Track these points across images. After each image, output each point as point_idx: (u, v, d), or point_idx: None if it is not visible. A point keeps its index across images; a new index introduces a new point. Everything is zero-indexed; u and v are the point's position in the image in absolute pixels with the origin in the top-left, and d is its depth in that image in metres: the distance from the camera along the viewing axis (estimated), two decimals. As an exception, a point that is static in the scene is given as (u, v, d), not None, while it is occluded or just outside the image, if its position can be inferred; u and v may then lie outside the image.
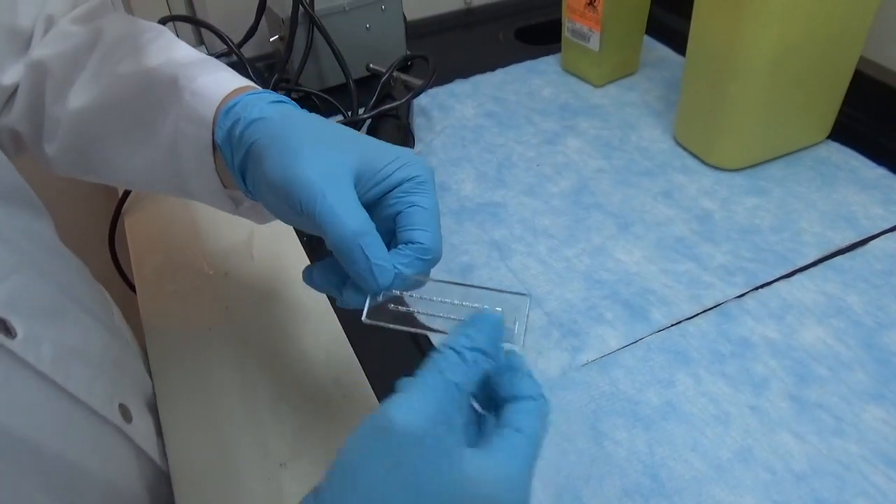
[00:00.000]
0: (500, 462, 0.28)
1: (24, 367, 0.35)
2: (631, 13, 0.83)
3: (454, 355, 0.29)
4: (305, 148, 0.35)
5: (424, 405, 0.27)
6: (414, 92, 0.72)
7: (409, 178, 0.36)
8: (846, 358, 0.52)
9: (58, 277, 0.42)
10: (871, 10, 0.64)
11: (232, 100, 0.39)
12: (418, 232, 0.35)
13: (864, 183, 0.68)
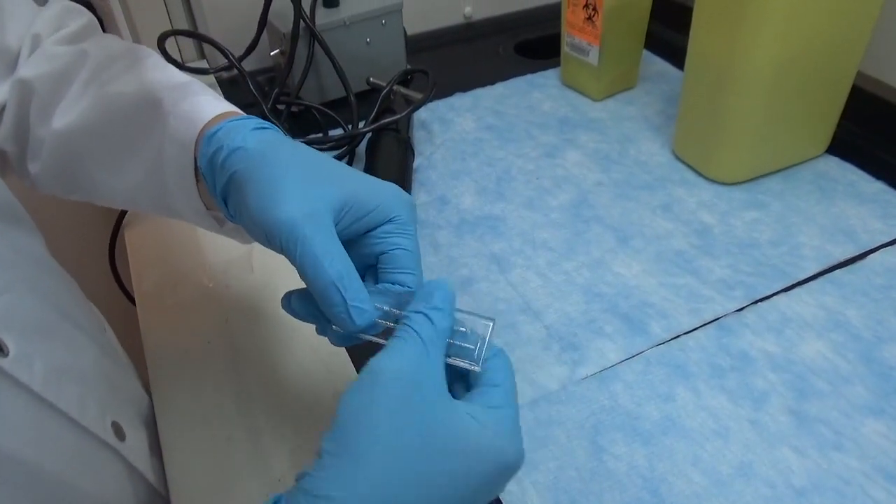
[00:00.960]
0: (492, 414, 0.31)
1: (15, 386, 0.35)
2: (629, 28, 0.83)
3: (420, 317, 0.32)
4: (286, 185, 0.35)
5: (405, 354, 0.31)
6: (414, 106, 0.72)
7: (391, 218, 0.37)
8: (845, 372, 0.52)
9: (49, 294, 0.42)
10: (868, 26, 0.65)
11: (214, 126, 0.39)
12: (405, 275, 0.37)
13: (863, 197, 0.68)
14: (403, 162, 0.72)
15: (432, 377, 0.31)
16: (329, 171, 0.37)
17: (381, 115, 0.76)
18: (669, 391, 0.52)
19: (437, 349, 0.31)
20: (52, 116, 0.45)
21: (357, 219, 0.36)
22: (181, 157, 0.40)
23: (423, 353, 0.31)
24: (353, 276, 0.34)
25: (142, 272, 0.64)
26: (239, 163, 0.36)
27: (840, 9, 0.61)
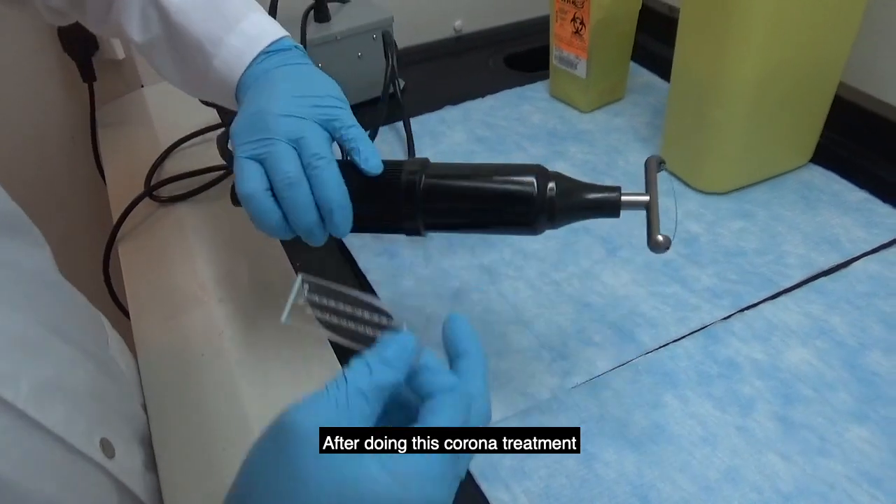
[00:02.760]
0: (406, 461, 0.29)
1: (1, 404, 0.35)
2: (617, 41, 0.85)
3: (362, 365, 0.31)
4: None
5: (319, 410, 0.29)
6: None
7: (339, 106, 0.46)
8: (830, 378, 0.53)
9: (41, 309, 0.42)
10: (849, 38, 0.66)
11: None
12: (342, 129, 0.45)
13: (847, 206, 0.69)
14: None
15: (344, 433, 0.29)
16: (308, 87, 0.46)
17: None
18: (658, 399, 0.52)
19: (360, 407, 0.30)
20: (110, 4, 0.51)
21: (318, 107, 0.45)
22: (227, 85, 0.49)
23: (341, 411, 0.29)
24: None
25: (136, 286, 0.64)
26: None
27: (821, 22, 0.63)
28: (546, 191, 0.45)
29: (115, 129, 0.89)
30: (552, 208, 0.45)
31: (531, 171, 0.45)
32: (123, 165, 0.81)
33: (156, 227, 0.71)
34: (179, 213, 0.72)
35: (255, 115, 0.44)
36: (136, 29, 0.51)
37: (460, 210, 0.47)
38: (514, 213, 0.45)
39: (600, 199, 0.45)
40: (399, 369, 0.31)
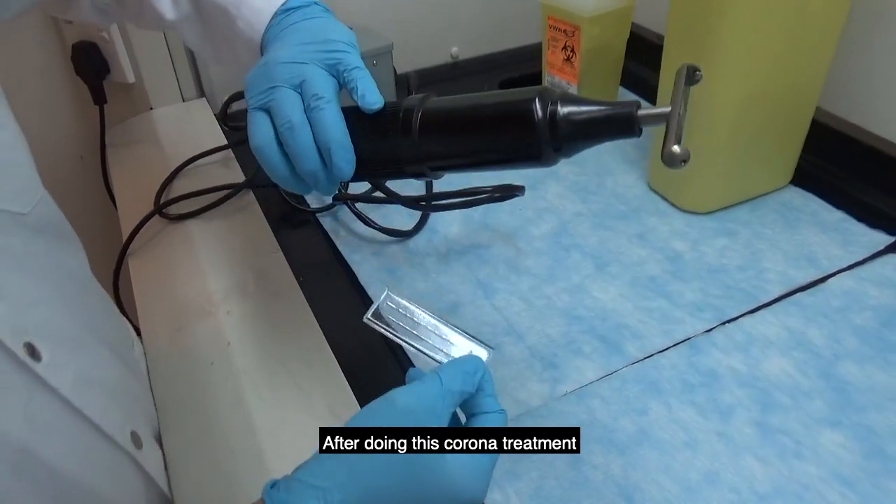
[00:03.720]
0: (469, 456, 0.37)
1: (47, 390, 0.38)
2: (606, 67, 0.89)
3: (453, 373, 0.39)
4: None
5: (423, 396, 0.37)
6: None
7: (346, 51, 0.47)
8: (806, 387, 0.56)
9: (81, 310, 0.46)
10: (823, 65, 0.70)
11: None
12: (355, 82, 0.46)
13: (824, 225, 0.73)
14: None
15: (433, 421, 0.37)
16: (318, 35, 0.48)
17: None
18: (643, 406, 0.55)
19: (449, 403, 0.38)
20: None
21: (323, 51, 0.47)
22: (253, 45, 0.52)
23: (437, 402, 0.37)
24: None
25: (145, 299, 0.67)
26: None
27: (797, 52, 0.67)
28: (548, 109, 0.40)
29: (125, 149, 0.92)
30: (556, 128, 0.40)
31: (533, 91, 0.41)
32: (133, 185, 0.84)
33: (165, 243, 0.74)
34: (188, 229, 0.75)
35: (262, 66, 0.46)
36: (168, 7, 0.55)
37: (459, 140, 0.44)
38: (517, 137, 0.41)
39: (613, 112, 0.40)
40: (474, 383, 0.39)
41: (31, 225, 0.42)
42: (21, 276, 0.39)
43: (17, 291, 0.38)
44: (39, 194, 0.44)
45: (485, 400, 0.40)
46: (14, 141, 0.43)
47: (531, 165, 0.43)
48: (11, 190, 0.41)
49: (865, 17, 0.74)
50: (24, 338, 0.37)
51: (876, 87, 0.77)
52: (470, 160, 0.44)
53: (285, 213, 0.78)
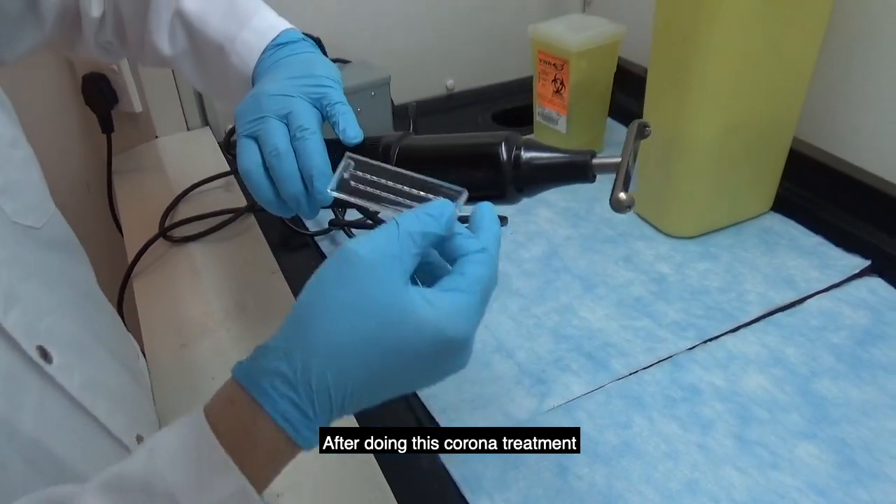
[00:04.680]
0: (442, 296, 0.34)
1: (58, 390, 0.41)
2: (594, 99, 0.93)
3: (412, 215, 0.36)
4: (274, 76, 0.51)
5: (378, 242, 0.35)
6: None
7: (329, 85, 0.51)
8: (783, 402, 0.59)
9: (89, 320, 0.48)
10: (799, 97, 0.74)
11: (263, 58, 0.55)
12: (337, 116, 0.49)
13: (803, 249, 0.76)
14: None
15: (393, 265, 0.34)
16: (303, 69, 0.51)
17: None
18: (627, 419, 0.58)
19: (414, 244, 0.35)
20: (144, 31, 0.58)
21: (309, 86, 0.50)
22: (244, 78, 0.55)
23: (394, 244, 0.34)
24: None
25: (149, 317, 0.70)
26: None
27: (772, 83, 0.71)
28: (512, 153, 0.43)
29: (131, 176, 0.96)
30: (519, 170, 0.43)
31: (500, 135, 0.45)
32: (138, 209, 0.87)
33: (169, 265, 0.77)
34: (191, 251, 0.78)
35: (252, 97, 0.50)
36: (166, 44, 0.58)
37: (432, 176, 0.44)
38: (483, 176, 0.44)
39: (570, 160, 0.43)
40: (441, 225, 0.36)
41: (42, 239, 0.45)
42: (34, 284, 0.42)
43: (31, 298, 0.41)
44: (51, 211, 0.47)
45: (462, 242, 0.37)
46: (27, 160, 0.46)
47: (496, 202, 0.45)
48: (25, 205, 0.43)
49: (839, 52, 0.78)
50: (37, 341, 0.40)
51: (851, 118, 0.81)
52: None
53: (285, 236, 0.81)
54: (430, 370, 0.35)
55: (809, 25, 0.69)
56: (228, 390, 0.34)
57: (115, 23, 0.60)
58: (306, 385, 0.33)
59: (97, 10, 0.58)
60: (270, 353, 0.34)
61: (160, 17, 0.57)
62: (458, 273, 0.36)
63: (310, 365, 0.33)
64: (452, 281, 0.35)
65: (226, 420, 0.33)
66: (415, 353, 0.33)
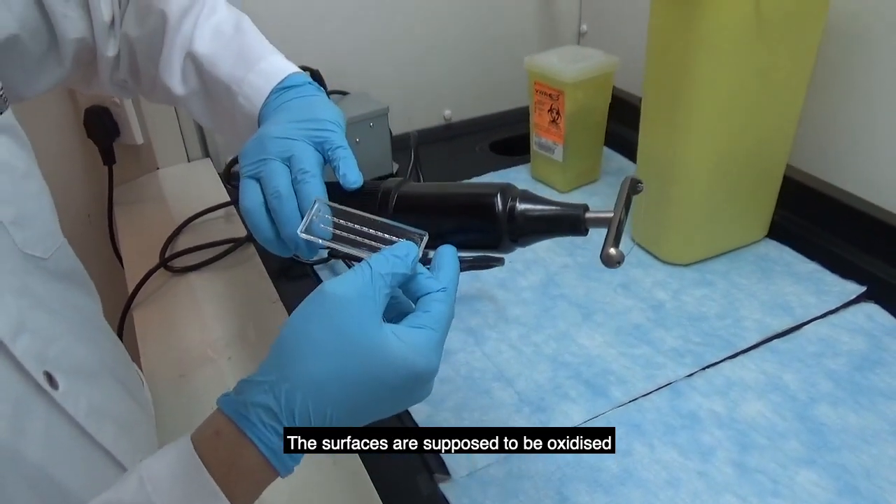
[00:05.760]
0: (411, 332, 0.37)
1: (64, 417, 0.41)
2: (590, 129, 0.94)
3: (382, 257, 0.39)
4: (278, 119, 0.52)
5: (352, 282, 0.37)
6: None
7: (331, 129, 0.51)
8: (782, 428, 0.59)
9: (95, 348, 0.49)
10: (790, 126, 0.76)
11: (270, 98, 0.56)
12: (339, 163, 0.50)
13: (799, 276, 0.77)
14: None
15: (367, 304, 0.37)
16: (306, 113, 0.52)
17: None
18: (627, 447, 0.58)
19: (384, 283, 0.38)
20: (155, 70, 0.60)
21: (312, 129, 0.51)
22: (251, 119, 0.57)
23: (367, 285, 0.37)
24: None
25: (150, 347, 0.70)
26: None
27: (763, 113, 0.72)
28: (507, 205, 0.44)
29: (132, 207, 0.97)
30: (514, 221, 0.44)
31: (497, 187, 0.45)
32: (139, 240, 0.88)
33: (169, 295, 0.77)
34: (191, 281, 0.79)
35: (256, 139, 0.51)
36: (178, 84, 0.60)
37: (429, 223, 0.46)
38: (479, 226, 0.46)
39: (564, 213, 0.44)
40: (407, 265, 0.39)
41: (50, 269, 0.46)
42: (42, 312, 0.42)
43: (38, 326, 0.41)
44: (59, 242, 0.48)
45: (424, 282, 0.40)
46: (39, 192, 0.47)
47: (490, 251, 0.47)
48: (35, 236, 0.44)
49: (829, 80, 0.80)
50: (44, 367, 0.40)
51: (843, 146, 0.82)
52: (435, 242, 0.46)
53: (284, 266, 0.81)
54: (400, 398, 0.38)
55: (798, 55, 0.71)
56: (215, 422, 0.36)
57: (130, 62, 0.62)
58: (290, 416, 0.35)
59: (112, 50, 0.60)
60: (255, 386, 0.36)
61: (173, 58, 0.59)
62: (422, 310, 0.39)
63: (293, 397, 0.35)
64: (418, 318, 0.39)
65: (214, 450, 0.35)
66: (387, 383, 0.36)
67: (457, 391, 0.64)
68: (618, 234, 0.41)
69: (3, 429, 0.37)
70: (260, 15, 0.65)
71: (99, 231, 1.02)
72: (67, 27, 0.54)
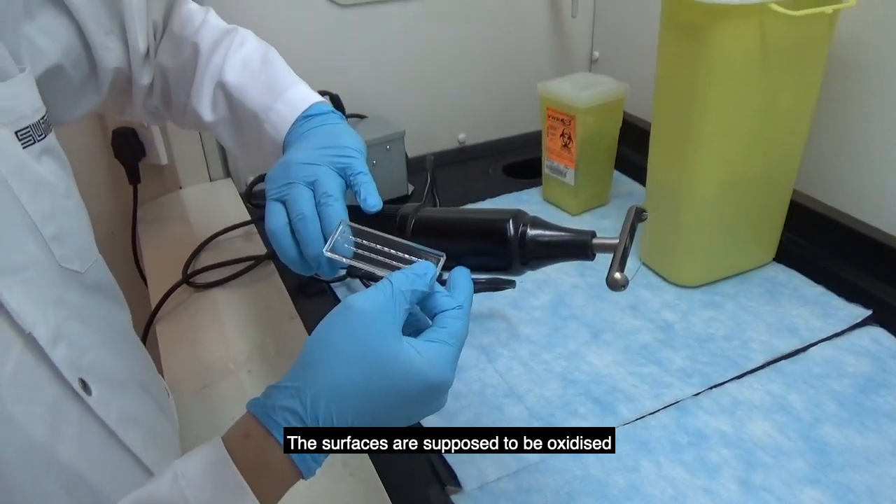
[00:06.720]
0: (428, 346, 0.40)
1: (96, 422, 0.44)
2: (601, 153, 0.96)
3: (402, 275, 0.42)
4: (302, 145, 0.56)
5: (375, 297, 0.40)
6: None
7: (352, 156, 0.55)
8: (787, 448, 0.60)
9: (125, 359, 0.51)
10: (796, 152, 0.78)
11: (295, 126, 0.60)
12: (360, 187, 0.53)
13: (806, 299, 0.78)
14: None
15: (388, 318, 0.39)
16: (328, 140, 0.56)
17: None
18: (635, 463, 0.59)
19: (404, 299, 0.41)
20: (187, 99, 0.64)
21: (335, 156, 0.54)
22: (276, 145, 0.60)
23: (389, 300, 0.40)
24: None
25: (172, 360, 0.72)
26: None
27: (769, 139, 0.74)
28: (519, 230, 0.46)
29: (155, 225, 1.00)
30: (525, 246, 0.46)
31: (509, 213, 0.48)
32: (162, 257, 0.91)
33: (192, 310, 0.79)
34: (213, 297, 0.81)
35: (282, 164, 0.54)
36: (208, 112, 0.63)
37: (444, 246, 0.48)
38: (491, 250, 0.48)
39: (572, 239, 0.46)
40: (426, 283, 0.42)
41: (85, 283, 0.48)
42: (77, 323, 0.45)
43: (74, 335, 0.44)
44: (94, 258, 0.51)
45: (441, 300, 0.42)
46: (77, 210, 0.49)
47: (502, 274, 0.50)
48: (72, 251, 0.47)
49: (835, 107, 0.82)
50: (79, 374, 0.43)
51: (849, 171, 0.84)
52: (450, 264, 0.49)
53: (302, 283, 0.84)
54: (416, 408, 0.41)
55: (803, 83, 0.73)
56: (244, 424, 0.39)
57: (163, 90, 0.66)
58: (314, 419, 0.38)
59: (147, 79, 0.63)
60: (282, 392, 0.39)
61: (204, 87, 0.63)
62: (439, 326, 0.41)
63: (317, 402, 0.38)
64: (435, 333, 0.41)
65: (243, 450, 0.38)
66: (404, 393, 0.39)
67: (469, 406, 0.66)
68: (623, 260, 0.43)
69: (41, 431, 0.40)
70: (284, 44, 0.68)
71: (122, 247, 1.05)
72: (107, 57, 0.57)
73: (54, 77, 0.53)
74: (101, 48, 0.56)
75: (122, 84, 0.62)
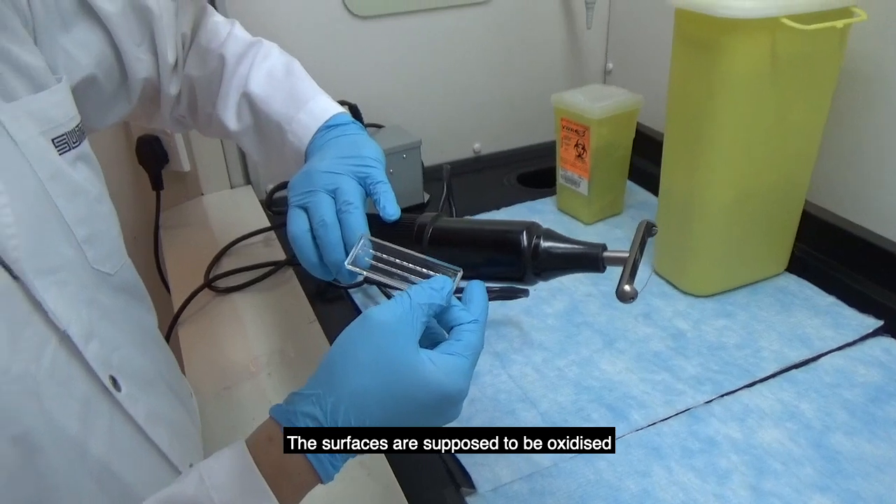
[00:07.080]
0: (444, 358, 0.41)
1: (126, 418, 0.45)
2: (614, 163, 0.98)
3: (420, 289, 0.43)
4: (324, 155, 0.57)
5: (394, 310, 0.41)
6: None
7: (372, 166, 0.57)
8: (798, 455, 0.61)
9: (152, 359, 0.53)
10: (808, 164, 0.79)
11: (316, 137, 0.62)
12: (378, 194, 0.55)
13: (817, 309, 0.79)
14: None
15: (406, 330, 0.41)
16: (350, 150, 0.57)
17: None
18: (646, 469, 0.60)
19: (422, 312, 0.42)
20: (214, 109, 0.66)
21: (356, 165, 0.55)
22: (298, 154, 0.62)
23: (407, 313, 0.41)
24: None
25: (194, 362, 0.74)
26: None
27: (781, 151, 0.75)
28: (532, 242, 0.48)
29: (177, 231, 1.02)
30: (538, 258, 0.48)
31: (523, 224, 0.49)
32: (184, 262, 0.93)
33: (213, 314, 0.81)
34: (235, 301, 0.83)
35: (304, 172, 0.56)
36: (233, 120, 0.66)
37: (460, 255, 0.50)
38: (505, 260, 0.49)
39: (584, 252, 0.48)
40: (443, 297, 0.43)
41: (115, 284, 0.50)
42: (107, 323, 0.47)
43: (105, 334, 0.46)
44: (123, 260, 0.53)
45: (457, 313, 0.44)
46: (109, 214, 0.52)
47: (515, 283, 0.51)
48: (104, 254, 0.49)
49: (846, 119, 0.83)
50: (109, 371, 0.45)
51: (861, 182, 0.84)
52: (465, 273, 0.50)
53: (321, 288, 0.85)
54: (431, 417, 0.42)
55: (815, 95, 0.74)
56: (267, 429, 0.40)
57: (189, 100, 0.68)
58: (333, 425, 0.39)
59: (175, 89, 0.66)
60: (304, 398, 0.40)
61: (229, 97, 0.65)
62: (455, 339, 0.43)
63: (337, 409, 0.39)
64: (451, 346, 0.42)
65: (266, 454, 0.39)
66: (420, 402, 0.40)
67: (483, 411, 0.67)
68: (633, 273, 0.44)
69: (75, 425, 0.42)
70: (305, 55, 0.70)
71: (144, 252, 1.08)
72: (137, 68, 0.60)
73: (88, 86, 0.55)
74: (132, 59, 0.59)
75: (151, 93, 0.65)
